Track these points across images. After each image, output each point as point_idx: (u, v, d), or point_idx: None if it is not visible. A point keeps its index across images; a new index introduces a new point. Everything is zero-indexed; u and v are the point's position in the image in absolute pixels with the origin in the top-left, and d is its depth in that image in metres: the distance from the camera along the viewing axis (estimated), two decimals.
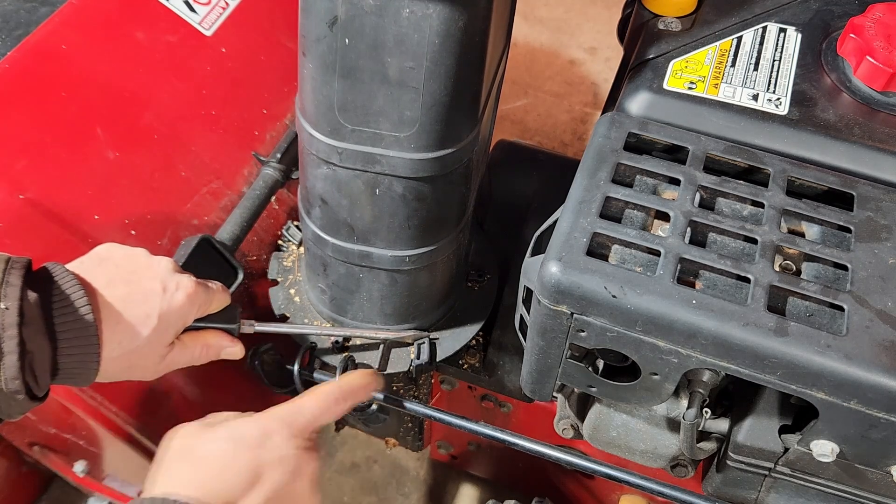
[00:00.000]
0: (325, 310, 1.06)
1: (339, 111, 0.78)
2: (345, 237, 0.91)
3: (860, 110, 0.79)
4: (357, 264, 0.94)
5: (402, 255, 0.92)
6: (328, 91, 0.77)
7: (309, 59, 0.76)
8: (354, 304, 1.02)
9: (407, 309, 1.02)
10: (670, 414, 0.84)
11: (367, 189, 0.85)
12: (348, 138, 0.80)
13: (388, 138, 0.79)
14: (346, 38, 0.71)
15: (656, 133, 0.77)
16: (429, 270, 0.97)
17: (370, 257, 0.92)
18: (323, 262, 0.98)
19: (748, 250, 0.69)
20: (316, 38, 0.73)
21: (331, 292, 1.02)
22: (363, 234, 0.90)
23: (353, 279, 0.97)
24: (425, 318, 1.06)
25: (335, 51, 0.73)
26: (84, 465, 1.31)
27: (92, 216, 1.00)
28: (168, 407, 1.05)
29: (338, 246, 0.93)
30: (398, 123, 0.78)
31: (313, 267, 1.01)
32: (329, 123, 0.80)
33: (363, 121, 0.78)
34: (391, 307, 1.01)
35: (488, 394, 1.22)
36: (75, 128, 1.02)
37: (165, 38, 1.14)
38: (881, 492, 0.74)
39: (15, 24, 1.04)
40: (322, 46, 0.73)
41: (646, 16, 0.90)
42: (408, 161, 0.81)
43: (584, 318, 0.68)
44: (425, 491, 1.73)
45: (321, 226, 0.93)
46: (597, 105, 2.41)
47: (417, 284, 0.98)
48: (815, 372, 0.62)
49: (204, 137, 1.13)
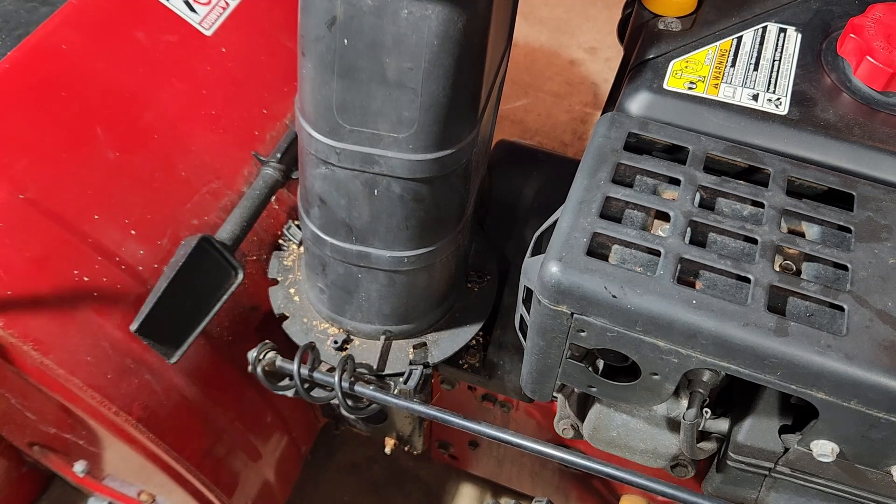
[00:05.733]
0: (324, 309, 1.06)
1: (338, 111, 0.78)
2: (343, 237, 0.91)
3: (860, 110, 0.79)
4: (355, 264, 0.94)
5: (400, 256, 0.92)
6: (327, 91, 0.77)
7: (308, 58, 0.76)
8: (353, 304, 1.02)
9: (406, 309, 1.02)
10: (670, 414, 0.84)
11: (365, 189, 0.85)
12: (346, 138, 0.80)
13: (386, 139, 0.79)
14: (345, 39, 0.71)
15: (656, 133, 0.77)
16: (427, 271, 0.97)
17: (368, 257, 0.92)
18: (322, 261, 0.97)
19: (748, 250, 0.69)
20: (315, 37, 0.73)
21: (329, 292, 1.02)
22: (361, 234, 0.90)
23: (351, 279, 0.97)
24: (424, 319, 1.06)
25: (333, 51, 0.73)
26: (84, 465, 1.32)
27: (92, 216, 1.00)
28: (168, 407, 1.05)
29: (336, 246, 0.93)
30: (396, 124, 0.78)
31: (312, 266, 1.01)
32: (327, 123, 0.80)
33: (361, 121, 0.78)
34: (389, 307, 1.01)
35: (488, 394, 1.22)
36: (75, 128, 1.02)
37: (165, 38, 1.14)
38: (881, 492, 0.74)
39: (15, 24, 1.04)
40: (321, 46, 0.73)
41: (646, 16, 0.90)
42: (406, 162, 0.80)
43: (584, 318, 0.68)
44: (425, 491, 1.73)
45: (320, 225, 0.93)
46: (597, 105, 2.41)
47: (416, 285, 0.98)
48: (815, 372, 0.62)
49: (204, 137, 1.13)
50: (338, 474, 1.74)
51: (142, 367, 1.02)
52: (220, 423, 1.15)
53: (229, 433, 1.17)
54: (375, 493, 1.73)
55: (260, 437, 1.26)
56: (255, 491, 1.30)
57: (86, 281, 0.97)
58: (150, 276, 1.02)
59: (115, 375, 0.99)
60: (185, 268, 0.95)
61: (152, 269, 1.03)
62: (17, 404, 1.13)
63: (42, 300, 0.94)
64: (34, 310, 0.93)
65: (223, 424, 1.16)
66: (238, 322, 1.14)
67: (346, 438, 1.77)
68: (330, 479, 1.74)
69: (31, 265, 0.94)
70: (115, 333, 0.99)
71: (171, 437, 1.06)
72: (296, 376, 0.98)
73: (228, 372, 1.13)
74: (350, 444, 1.78)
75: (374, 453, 1.76)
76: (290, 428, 1.33)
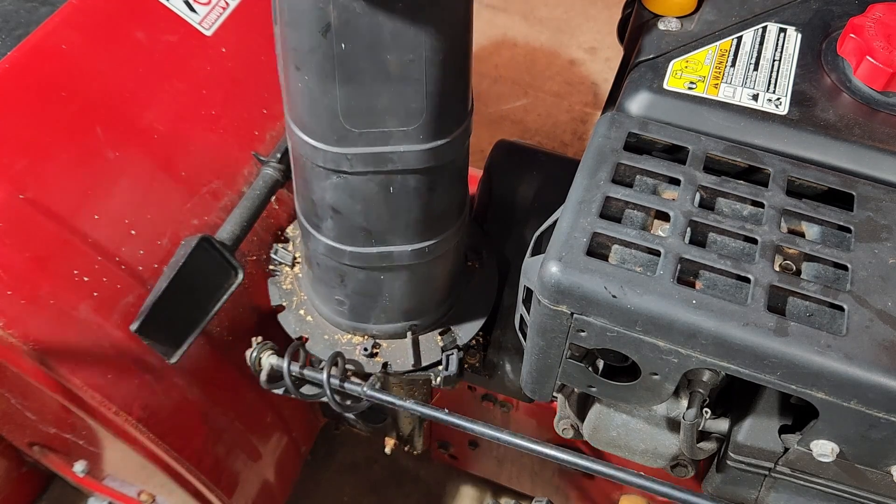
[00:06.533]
0: (344, 321, 1.05)
1: (344, 117, 0.77)
2: (362, 242, 0.90)
3: (860, 110, 0.78)
4: (377, 267, 0.93)
5: (421, 248, 0.92)
6: (330, 100, 0.76)
7: (304, 71, 0.75)
8: (377, 308, 1.01)
9: (428, 300, 1.03)
10: (670, 414, 0.84)
11: (380, 190, 0.84)
12: (357, 143, 0.79)
13: (396, 134, 0.79)
14: (342, 44, 0.71)
15: (656, 133, 0.77)
16: (444, 258, 0.98)
17: (390, 256, 0.92)
18: (339, 273, 0.96)
19: (748, 250, 0.69)
20: (310, 48, 0.72)
21: (350, 302, 1.00)
22: (381, 235, 0.90)
23: (373, 283, 0.96)
24: (443, 305, 1.07)
25: (332, 58, 0.72)
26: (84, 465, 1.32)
27: (92, 216, 1.00)
28: (168, 407, 1.05)
29: (356, 253, 0.92)
30: (405, 117, 0.77)
31: (327, 281, 0.99)
32: (334, 132, 0.79)
33: (370, 122, 0.78)
34: (413, 302, 1.01)
35: (488, 394, 1.22)
36: (75, 128, 1.02)
37: (165, 38, 1.14)
38: (881, 492, 0.74)
39: (15, 24, 1.04)
40: (317, 56, 0.72)
41: (646, 16, 0.90)
42: (419, 153, 0.81)
43: (584, 318, 0.68)
44: (425, 491, 1.73)
45: (335, 236, 0.91)
46: (597, 105, 2.42)
47: (435, 274, 0.99)
48: (815, 372, 0.62)
49: (204, 137, 1.13)
50: (338, 474, 1.74)
51: (142, 367, 1.02)
52: (220, 423, 1.15)
53: (229, 433, 1.17)
54: (375, 493, 1.73)
55: (260, 437, 1.26)
56: (255, 491, 1.31)
57: (86, 281, 0.97)
58: (150, 276, 1.02)
59: (115, 375, 0.99)
60: (185, 268, 0.95)
61: (152, 269, 1.03)
62: (17, 404, 1.13)
63: (42, 300, 0.94)
64: (34, 310, 0.93)
65: (223, 424, 1.16)
66: (238, 322, 1.14)
67: (346, 438, 1.77)
68: (330, 479, 1.74)
69: (31, 265, 0.94)
70: (115, 333, 0.99)
71: (171, 437, 1.06)
72: (286, 375, 0.98)
73: (228, 372, 1.13)
74: (350, 444, 1.78)
75: (374, 453, 1.76)
76: (290, 428, 1.33)
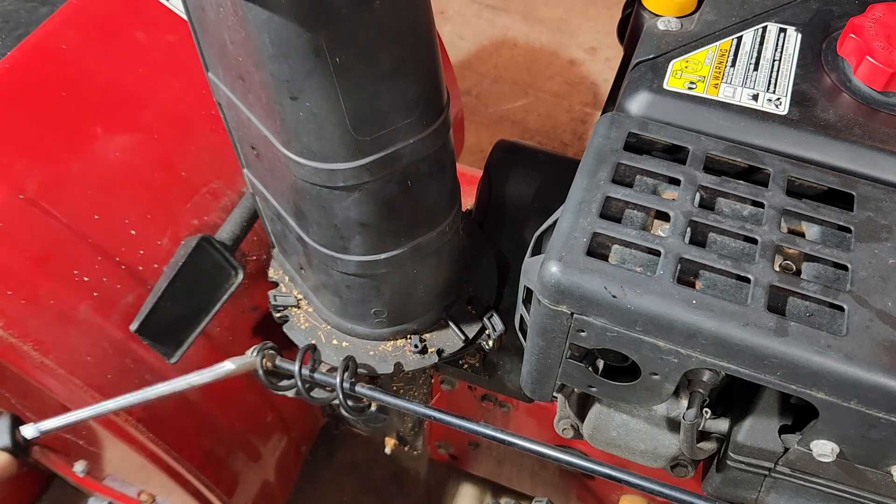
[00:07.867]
0: (385, 331, 1.05)
1: (354, 129, 0.76)
2: (392, 244, 0.91)
3: (860, 110, 0.78)
4: (410, 262, 0.94)
5: (443, 229, 0.94)
6: (338, 117, 0.75)
7: (304, 98, 0.73)
8: (414, 303, 1.02)
9: (455, 278, 1.05)
10: (670, 414, 0.84)
11: (400, 188, 0.84)
12: (370, 150, 0.79)
13: (402, 129, 0.79)
14: (337, 58, 0.70)
15: (656, 133, 0.77)
16: (458, 233, 1.00)
17: (419, 248, 0.93)
18: (374, 285, 0.96)
19: (748, 250, 0.69)
20: (307, 73, 0.71)
21: (389, 308, 1.00)
22: (409, 230, 0.90)
23: (408, 280, 0.97)
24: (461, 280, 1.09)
25: (331, 75, 0.71)
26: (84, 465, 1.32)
27: (92, 216, 1.00)
28: (168, 407, 1.05)
29: (391, 257, 0.91)
30: (405, 110, 0.78)
31: (361, 299, 0.99)
32: (348, 148, 0.78)
33: (377, 125, 0.77)
34: (443, 285, 1.03)
35: (488, 394, 1.22)
36: (75, 128, 1.02)
37: (165, 38, 1.14)
38: (881, 492, 0.74)
39: (15, 24, 1.04)
40: (315, 78, 0.71)
41: (646, 16, 0.90)
42: (426, 139, 0.82)
43: (584, 318, 0.68)
44: (425, 491, 1.73)
45: (366, 250, 0.90)
46: (597, 105, 2.42)
47: (455, 250, 1.01)
48: (815, 372, 0.62)
49: (204, 137, 1.13)
50: (338, 474, 1.75)
51: (142, 367, 1.02)
52: (220, 423, 1.15)
53: (229, 433, 1.17)
54: (375, 493, 1.73)
55: (260, 437, 1.26)
56: (255, 491, 1.31)
57: (86, 281, 0.97)
58: (150, 276, 1.02)
59: (115, 375, 0.99)
60: (185, 268, 0.95)
61: (152, 269, 1.03)
62: (17, 404, 1.13)
63: (42, 300, 0.94)
64: (34, 310, 0.93)
65: (223, 424, 1.16)
66: (238, 322, 1.14)
67: (346, 438, 1.77)
68: (330, 479, 1.74)
69: (31, 265, 0.94)
70: (115, 333, 0.99)
71: (171, 437, 1.06)
72: (297, 377, 0.98)
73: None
74: (350, 444, 1.78)
75: (374, 453, 1.76)
76: (290, 428, 1.33)
